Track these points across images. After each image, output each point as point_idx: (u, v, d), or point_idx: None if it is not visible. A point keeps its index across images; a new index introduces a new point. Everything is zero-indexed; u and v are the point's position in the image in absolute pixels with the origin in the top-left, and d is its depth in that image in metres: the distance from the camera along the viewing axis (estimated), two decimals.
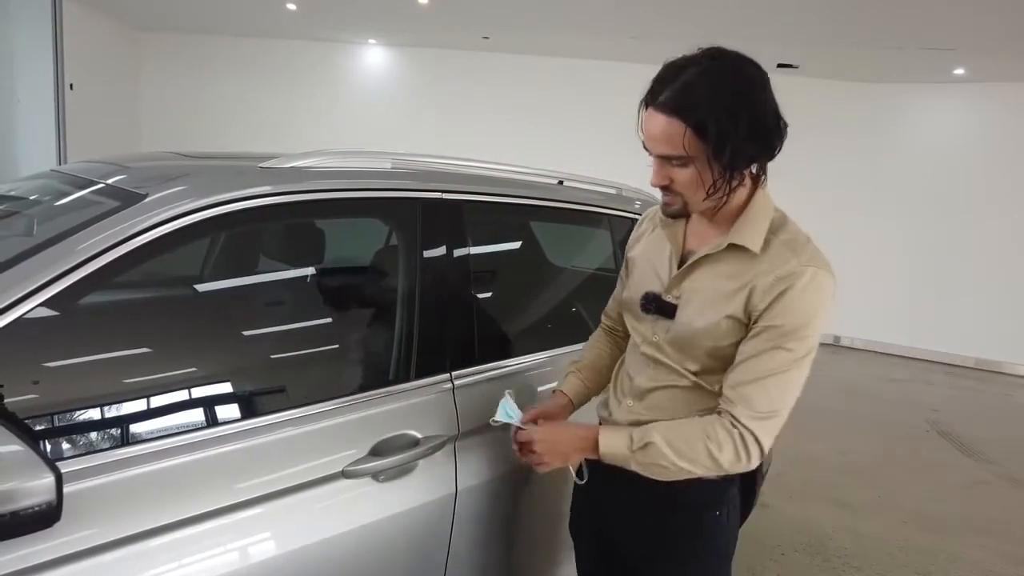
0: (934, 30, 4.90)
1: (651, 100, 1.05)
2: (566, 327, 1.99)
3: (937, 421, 4.87)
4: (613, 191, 2.08)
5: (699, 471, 1.11)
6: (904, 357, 6.78)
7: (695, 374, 1.17)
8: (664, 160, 1.07)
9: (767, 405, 1.08)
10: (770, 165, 1.12)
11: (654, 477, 1.15)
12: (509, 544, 1.59)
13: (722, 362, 1.14)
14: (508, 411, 1.30)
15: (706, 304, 1.13)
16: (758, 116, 1.02)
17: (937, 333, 6.69)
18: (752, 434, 1.08)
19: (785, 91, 1.06)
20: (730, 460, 1.09)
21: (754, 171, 1.11)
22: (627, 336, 1.35)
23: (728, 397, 1.11)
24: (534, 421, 1.30)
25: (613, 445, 1.15)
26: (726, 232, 1.12)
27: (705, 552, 1.24)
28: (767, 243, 1.10)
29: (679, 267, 1.18)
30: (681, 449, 1.10)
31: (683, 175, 1.06)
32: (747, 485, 2.17)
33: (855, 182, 6.83)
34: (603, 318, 1.50)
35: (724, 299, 1.11)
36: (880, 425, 4.74)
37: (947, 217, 6.59)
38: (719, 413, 1.12)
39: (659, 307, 1.19)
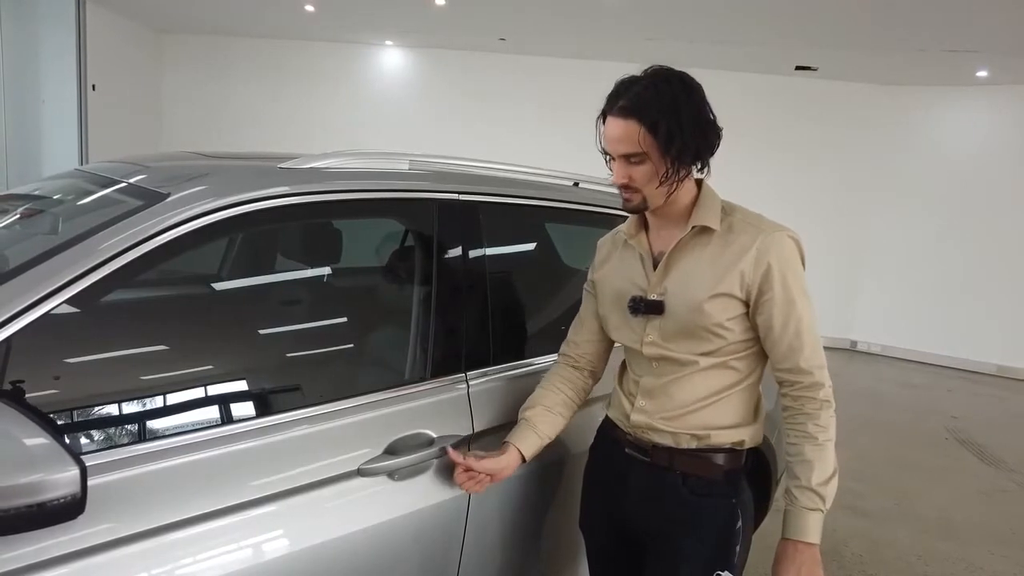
0: (957, 32, 4.84)
1: (609, 109, 1.22)
2: None
3: (956, 428, 4.80)
4: None
5: (833, 446, 1.25)
6: (923, 363, 6.67)
7: (708, 355, 1.26)
8: (624, 159, 1.21)
9: (817, 355, 1.24)
10: (790, 167, 1.14)
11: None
12: (523, 544, 1.59)
13: (727, 337, 1.25)
14: None
15: (690, 290, 1.25)
16: (697, 117, 1.20)
17: (957, 339, 6.57)
18: (831, 387, 1.25)
19: (803, 94, 1.08)
20: (834, 419, 1.25)
21: (698, 168, 1.25)
22: (591, 367, 1.48)
23: (803, 368, 1.24)
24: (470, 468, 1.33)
25: (819, 524, 1.22)
26: (685, 226, 1.28)
27: (720, 531, 1.32)
28: (729, 225, 1.26)
29: (654, 268, 1.30)
30: (826, 468, 1.22)
31: (640, 171, 1.21)
32: (761, 490, 2.17)
33: (874, 185, 6.74)
34: (565, 349, 1.50)
35: (708, 280, 1.24)
36: (898, 431, 4.68)
37: (967, 221, 6.49)
38: (792, 399, 1.26)
39: (647, 307, 1.29)
